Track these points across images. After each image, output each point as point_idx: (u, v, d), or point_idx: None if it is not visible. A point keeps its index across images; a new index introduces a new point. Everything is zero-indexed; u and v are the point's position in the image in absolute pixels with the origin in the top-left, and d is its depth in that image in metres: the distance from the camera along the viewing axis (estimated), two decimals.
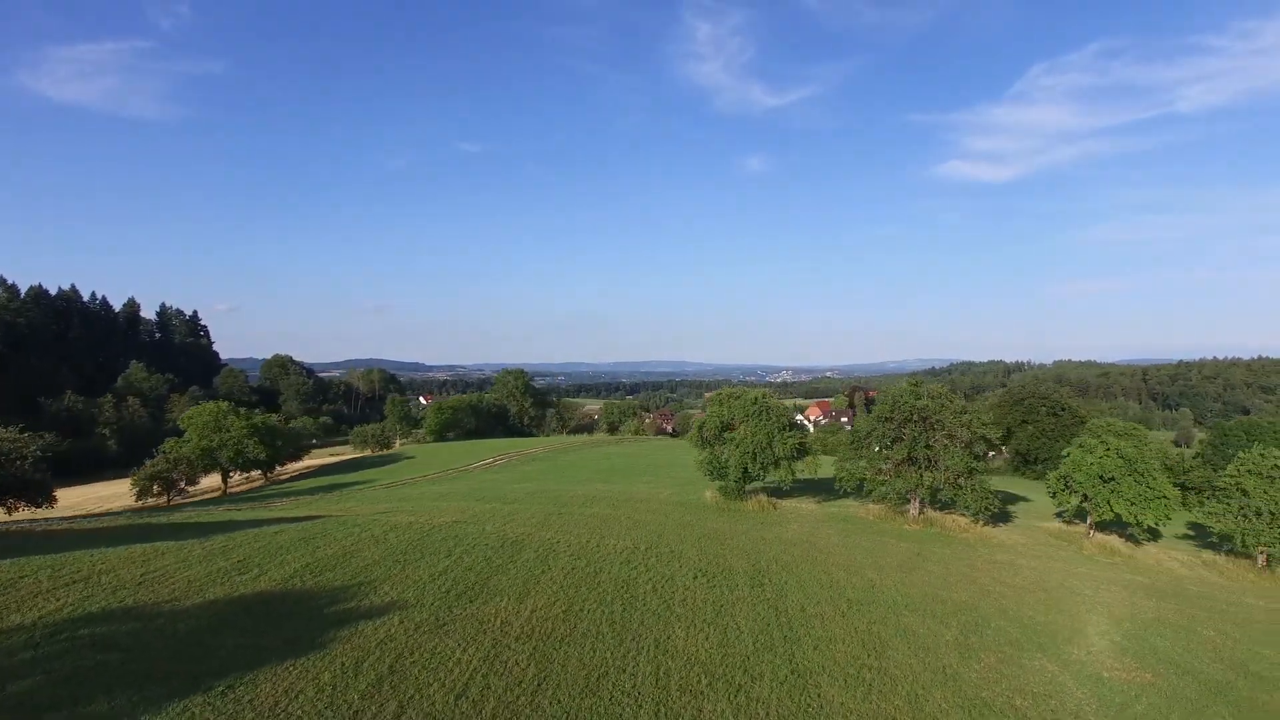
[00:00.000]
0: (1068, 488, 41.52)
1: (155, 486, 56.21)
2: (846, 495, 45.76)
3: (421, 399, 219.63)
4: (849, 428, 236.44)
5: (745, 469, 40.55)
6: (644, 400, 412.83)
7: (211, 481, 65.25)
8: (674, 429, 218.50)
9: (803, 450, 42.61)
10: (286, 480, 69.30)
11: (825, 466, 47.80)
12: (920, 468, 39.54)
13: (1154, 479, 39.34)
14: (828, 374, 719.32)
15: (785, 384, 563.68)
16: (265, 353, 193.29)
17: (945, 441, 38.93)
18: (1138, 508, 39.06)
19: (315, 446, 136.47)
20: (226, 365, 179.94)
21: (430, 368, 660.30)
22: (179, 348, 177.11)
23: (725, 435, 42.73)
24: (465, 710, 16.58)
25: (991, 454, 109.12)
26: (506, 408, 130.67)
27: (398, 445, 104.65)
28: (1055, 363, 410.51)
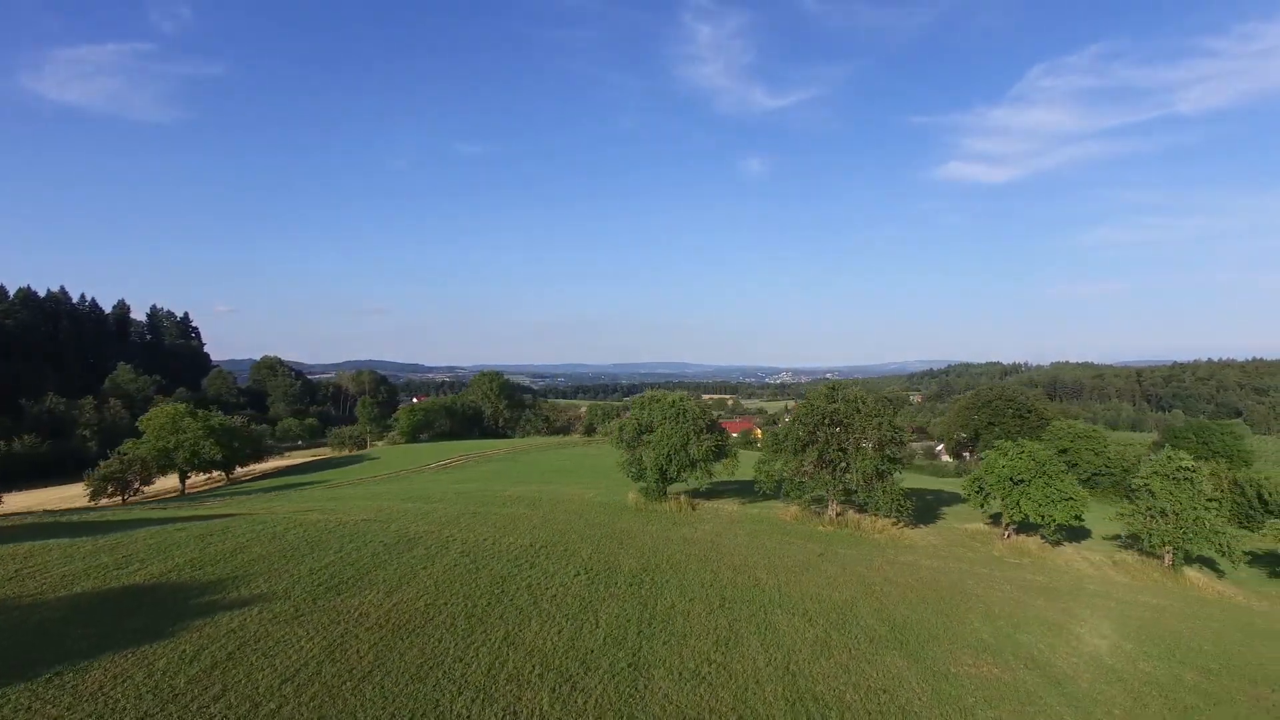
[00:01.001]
0: (980, 490, 42.35)
1: (109, 487, 57.52)
2: (771, 497, 46.66)
3: (414, 400, 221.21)
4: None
5: (663, 470, 41.56)
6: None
7: (172, 482, 66.63)
8: None
9: (721, 452, 43.58)
10: (248, 480, 70.71)
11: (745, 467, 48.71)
12: (833, 470, 40.45)
13: (1062, 480, 40.14)
14: (827, 375, 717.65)
15: (783, 385, 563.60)
16: (263, 354, 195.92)
17: (858, 444, 39.85)
18: (1046, 508, 39.86)
19: (301, 448, 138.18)
20: (217, 367, 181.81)
21: (430, 369, 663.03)
22: (169, 349, 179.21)
23: (644, 438, 43.75)
24: (287, 694, 17.66)
25: (965, 455, 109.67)
26: (481, 409, 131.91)
27: (372, 447, 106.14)
28: (1053, 364, 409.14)
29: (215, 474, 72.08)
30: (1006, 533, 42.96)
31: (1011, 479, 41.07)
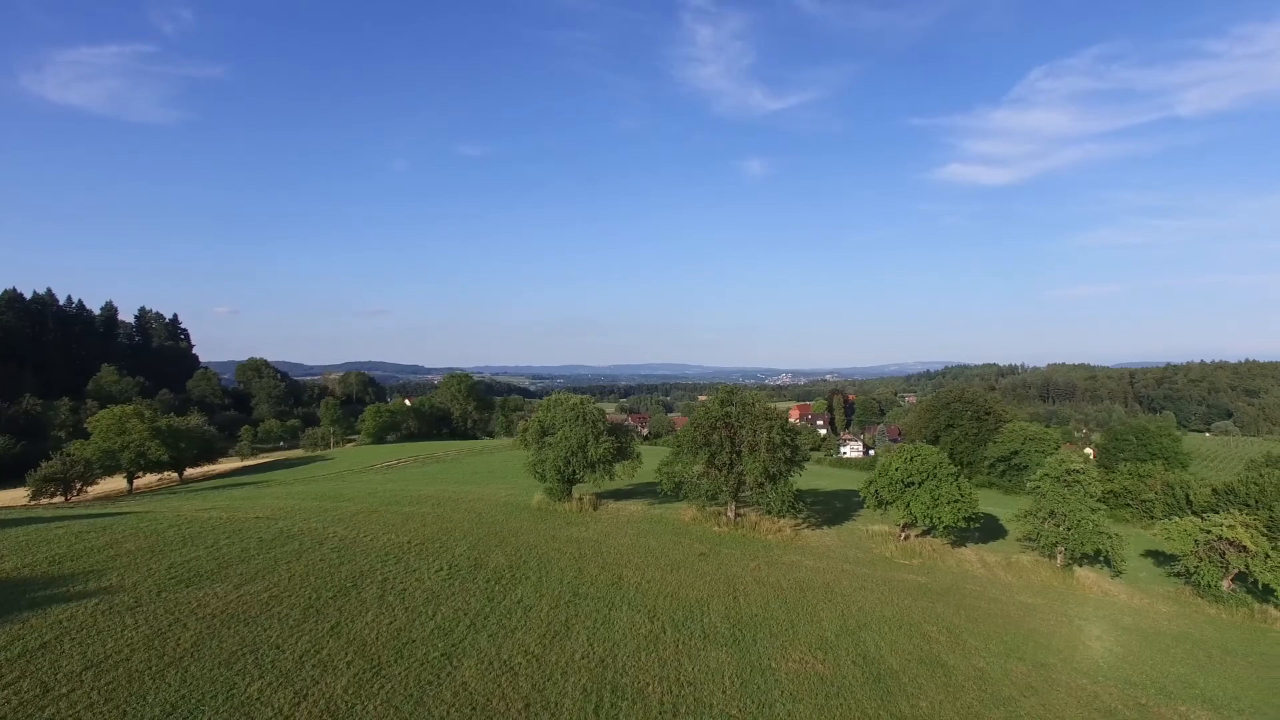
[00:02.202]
0: (875, 493, 43.36)
1: (51, 488, 59.10)
2: (674, 499, 47.64)
3: (406, 402, 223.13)
4: (823, 431, 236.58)
5: (561, 471, 42.79)
6: (633, 403, 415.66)
7: (125, 483, 68.22)
8: (648, 431, 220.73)
9: (622, 454, 44.79)
10: (200, 481, 72.41)
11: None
12: (727, 472, 41.59)
13: (950, 483, 41.12)
14: (827, 376, 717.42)
15: (780, 386, 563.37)
16: (263, 355, 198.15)
17: (751, 447, 40.95)
18: (935, 510, 40.86)
19: (283, 448, 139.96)
20: (203, 368, 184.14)
21: (429, 370, 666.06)
22: (157, 351, 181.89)
23: (546, 439, 44.98)
24: (85, 679, 19.01)
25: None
26: (450, 411, 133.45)
27: (337, 448, 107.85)
28: (1049, 365, 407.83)
29: (168, 475, 73.81)
30: (904, 534, 43.95)
31: (904, 482, 42.09)
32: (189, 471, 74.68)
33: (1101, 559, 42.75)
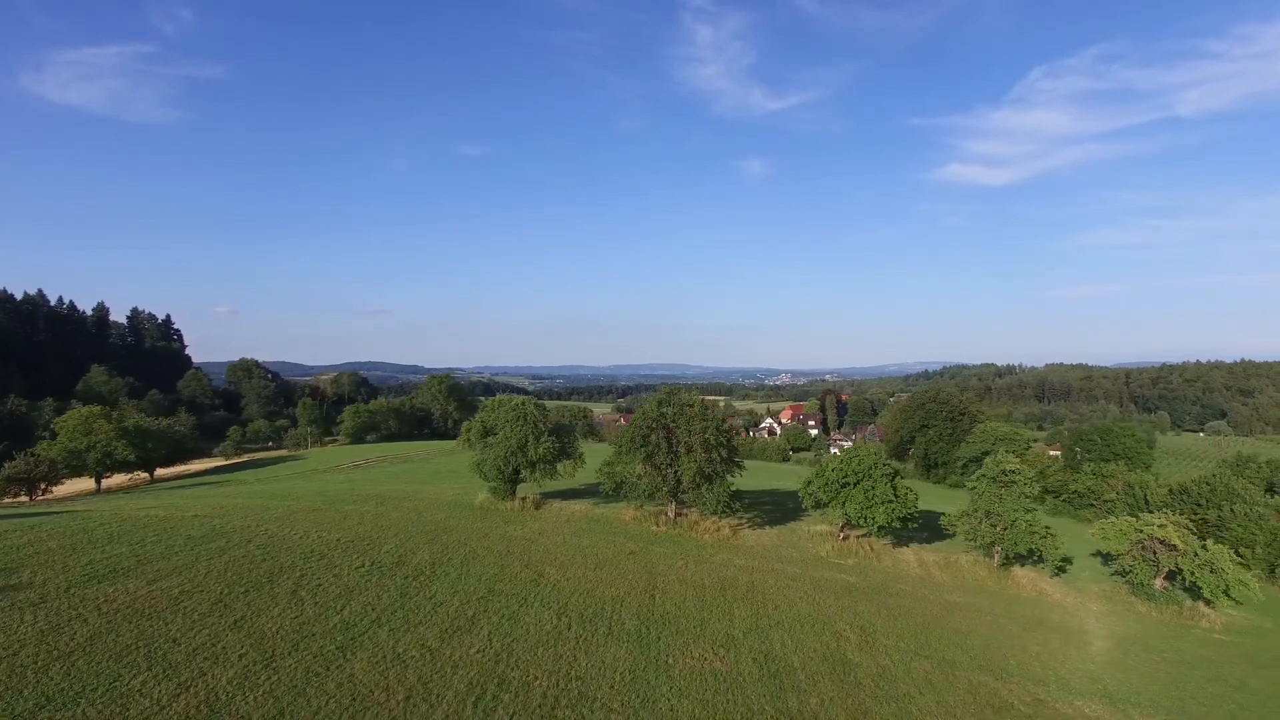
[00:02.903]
0: (813, 494, 43.85)
1: (14, 488, 59.89)
2: (620, 499, 48.05)
3: (384, 401, 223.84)
4: (814, 432, 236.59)
5: (501, 470, 43.46)
6: (630, 403, 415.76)
7: (90, 483, 68.80)
8: None
9: (564, 454, 45.45)
10: (170, 480, 73.35)
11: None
12: (664, 472, 42.15)
13: (885, 484, 41.60)
14: (827, 376, 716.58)
15: (779, 387, 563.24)
16: (263, 355, 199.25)
17: (688, 448, 41.52)
18: (868, 510, 41.35)
19: (271, 448, 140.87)
20: (195, 368, 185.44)
21: (429, 370, 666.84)
22: (149, 351, 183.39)
23: (488, 439, 45.61)
24: None
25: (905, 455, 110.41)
26: (431, 411, 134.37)
27: (316, 447, 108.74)
28: (1047, 365, 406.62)
29: (139, 475, 74.68)
30: (843, 534, 44.46)
31: (840, 482, 42.59)
32: (163, 471, 75.59)
33: (1036, 558, 43.13)
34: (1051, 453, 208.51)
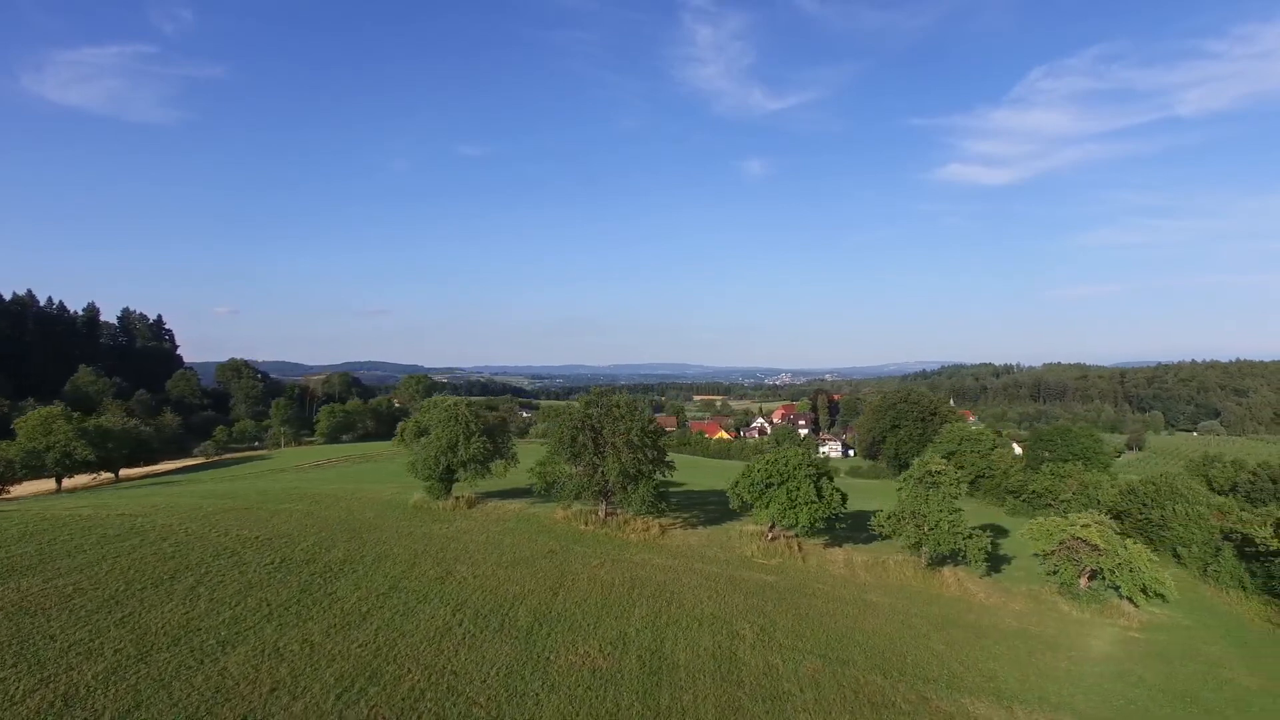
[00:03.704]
0: (739, 495, 44.30)
1: None
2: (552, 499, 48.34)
3: (395, 403, 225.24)
4: (804, 431, 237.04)
5: (431, 469, 44.17)
6: None
7: (51, 483, 69.53)
8: None
9: (496, 454, 46.10)
10: (136, 479, 74.37)
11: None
12: (592, 472, 42.72)
13: (808, 485, 42.04)
14: (827, 376, 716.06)
15: (776, 387, 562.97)
16: (263, 355, 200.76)
17: (615, 448, 42.04)
18: (791, 510, 41.82)
19: (258, 448, 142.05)
20: (185, 368, 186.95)
21: (429, 370, 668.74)
22: (140, 351, 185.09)
23: (422, 439, 46.29)
24: None
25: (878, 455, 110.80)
26: (409, 411, 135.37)
27: (290, 446, 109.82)
28: (1045, 365, 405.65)
29: (104, 475, 75.62)
30: (770, 534, 44.92)
31: (764, 483, 43.05)
32: (131, 471, 76.61)
33: (960, 558, 43.46)
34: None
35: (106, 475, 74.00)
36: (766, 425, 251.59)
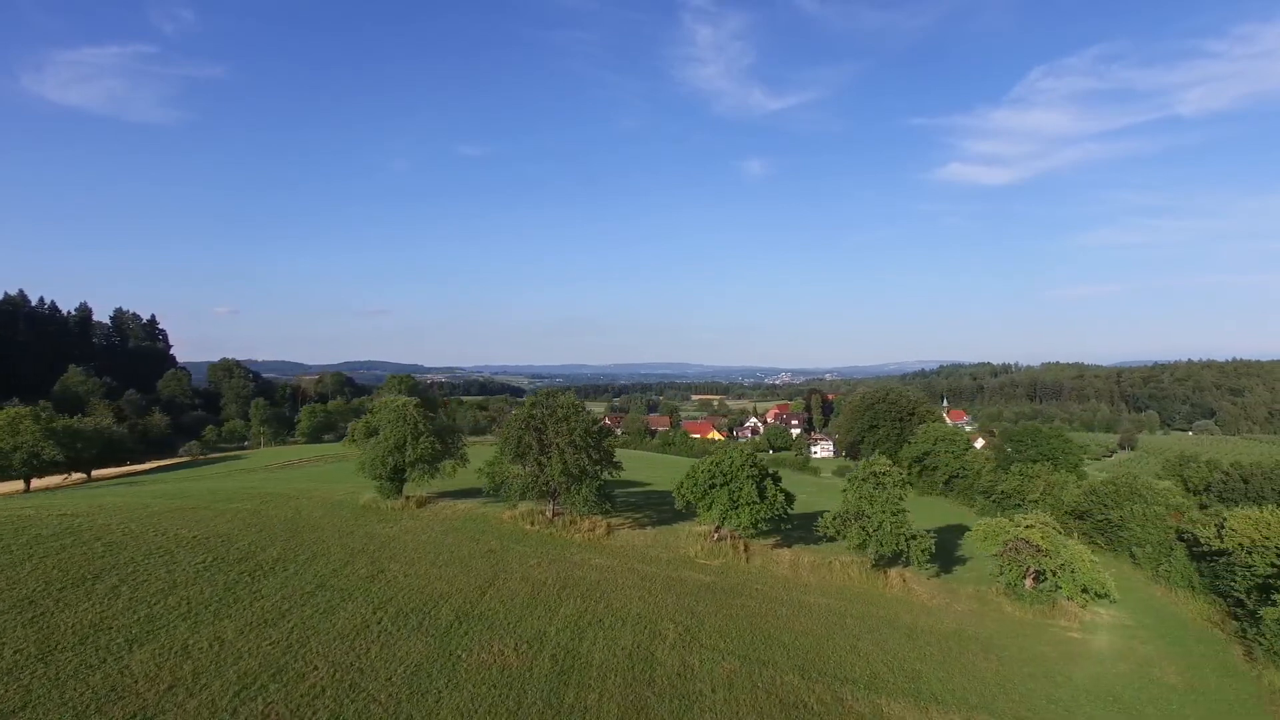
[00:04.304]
0: (683, 496, 44.49)
1: None
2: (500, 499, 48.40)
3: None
4: (796, 431, 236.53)
5: (377, 469, 44.57)
6: (624, 402, 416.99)
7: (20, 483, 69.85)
8: (622, 431, 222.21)
9: (445, 454, 46.47)
10: (109, 479, 74.95)
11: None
12: (536, 472, 43.01)
13: (750, 485, 42.21)
14: (827, 375, 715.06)
15: (775, 386, 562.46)
16: (264, 355, 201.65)
17: (559, 449, 42.32)
18: (733, 511, 42.01)
19: (246, 447, 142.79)
20: (178, 367, 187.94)
21: (429, 369, 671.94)
22: (133, 351, 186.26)
23: (371, 440, 46.61)
24: None
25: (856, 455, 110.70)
26: (429, 410, 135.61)
27: (269, 446, 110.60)
28: (1043, 364, 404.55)
29: (76, 475, 76.10)
30: (715, 534, 45.10)
31: (708, 484, 43.23)
32: (105, 471, 77.10)
33: (904, 560, 43.59)
34: None
35: (79, 475, 74.62)
36: (760, 425, 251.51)
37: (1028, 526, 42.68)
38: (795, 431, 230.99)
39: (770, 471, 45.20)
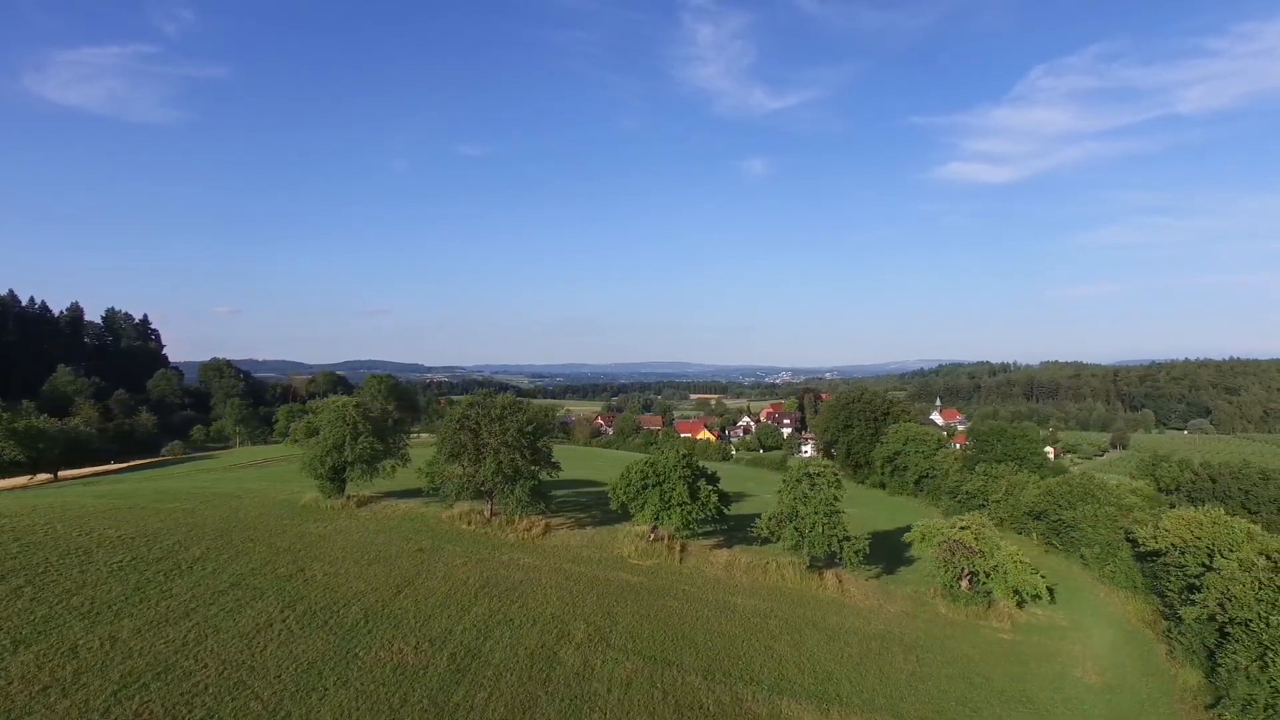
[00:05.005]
0: (617, 496, 44.55)
1: None
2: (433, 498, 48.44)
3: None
4: (788, 431, 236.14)
5: (316, 469, 44.89)
6: (621, 402, 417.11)
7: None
8: (614, 431, 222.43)
9: (386, 453, 46.81)
10: (77, 478, 75.48)
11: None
12: (473, 472, 43.22)
13: (679, 487, 42.24)
14: (827, 375, 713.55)
15: (774, 385, 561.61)
16: (264, 355, 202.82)
17: (494, 449, 42.51)
18: (664, 512, 42.09)
19: (233, 446, 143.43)
20: (171, 367, 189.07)
21: (429, 369, 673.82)
22: (125, 351, 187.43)
23: (312, 440, 46.94)
24: None
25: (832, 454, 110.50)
26: (370, 410, 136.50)
27: (245, 446, 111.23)
28: (1042, 363, 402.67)
29: (43, 475, 76.51)
30: (653, 535, 45.16)
31: (641, 484, 43.29)
32: (73, 471, 77.60)
33: (839, 561, 43.54)
34: None
35: (45, 476, 75.27)
36: (752, 424, 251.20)
37: (962, 528, 42.62)
38: (787, 431, 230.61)
39: (707, 471, 45.27)
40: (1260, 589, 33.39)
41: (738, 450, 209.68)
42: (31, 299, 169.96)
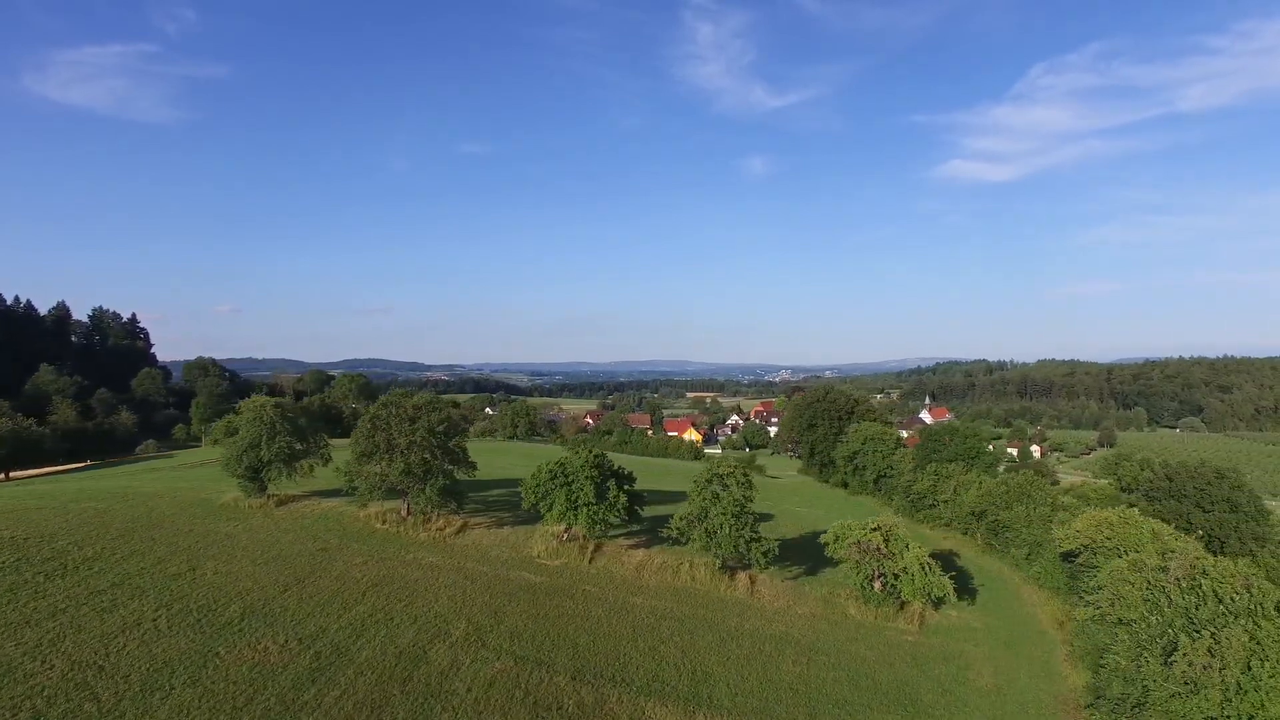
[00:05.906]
0: (526, 497, 44.47)
1: None
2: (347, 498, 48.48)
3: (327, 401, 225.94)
4: (774, 430, 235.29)
5: (233, 468, 45.12)
6: (615, 400, 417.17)
7: None
8: (602, 429, 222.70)
9: (304, 453, 47.02)
10: (29, 477, 76.26)
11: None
12: (385, 471, 43.33)
13: (587, 486, 42.15)
14: (827, 373, 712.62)
15: (770, 384, 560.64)
16: (265, 354, 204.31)
17: (403, 448, 42.59)
18: (570, 512, 42.07)
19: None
20: (158, 366, 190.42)
21: (429, 367, 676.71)
22: (111, 350, 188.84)
23: (231, 439, 47.15)
24: None
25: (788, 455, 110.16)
26: (341, 410, 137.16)
27: (209, 444, 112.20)
28: (1037, 361, 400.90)
29: None
30: (566, 534, 45.10)
31: (550, 483, 43.22)
32: (30, 471, 78.35)
33: (749, 562, 43.35)
34: (1009, 450, 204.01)
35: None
36: (740, 423, 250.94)
37: (873, 529, 42.40)
38: (774, 430, 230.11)
39: (621, 471, 45.19)
40: (1148, 589, 33.18)
41: (723, 449, 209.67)
42: (17, 298, 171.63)
